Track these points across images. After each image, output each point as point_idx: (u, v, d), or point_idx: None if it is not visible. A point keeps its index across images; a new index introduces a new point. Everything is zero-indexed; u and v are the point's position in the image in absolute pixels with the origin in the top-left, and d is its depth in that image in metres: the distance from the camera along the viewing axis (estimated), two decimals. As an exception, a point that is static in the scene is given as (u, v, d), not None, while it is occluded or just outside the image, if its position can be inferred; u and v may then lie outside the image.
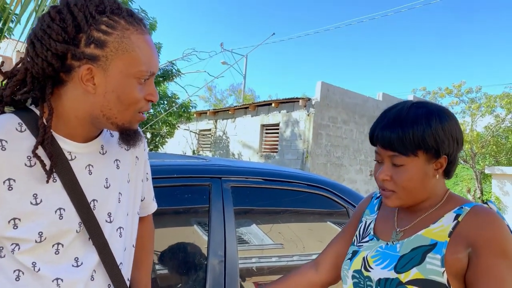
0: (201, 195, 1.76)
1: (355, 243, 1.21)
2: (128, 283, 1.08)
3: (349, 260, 1.16)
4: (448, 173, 1.10)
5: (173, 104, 11.50)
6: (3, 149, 0.87)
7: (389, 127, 1.04)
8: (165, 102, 11.51)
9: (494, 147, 21.41)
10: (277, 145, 10.77)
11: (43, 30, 0.88)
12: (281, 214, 2.12)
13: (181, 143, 14.22)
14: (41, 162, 0.88)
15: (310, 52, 72.02)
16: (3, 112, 0.96)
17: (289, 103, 10.45)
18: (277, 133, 10.81)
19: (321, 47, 72.10)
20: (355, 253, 1.15)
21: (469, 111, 22.24)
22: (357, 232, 1.24)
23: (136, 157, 1.16)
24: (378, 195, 1.29)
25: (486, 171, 18.92)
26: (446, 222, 1.01)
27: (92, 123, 0.95)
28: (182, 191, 1.74)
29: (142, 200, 1.23)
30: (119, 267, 1.03)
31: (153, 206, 1.30)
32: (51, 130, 0.93)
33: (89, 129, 0.97)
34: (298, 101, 10.11)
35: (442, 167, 1.05)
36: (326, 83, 10.09)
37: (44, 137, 0.89)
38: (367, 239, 1.17)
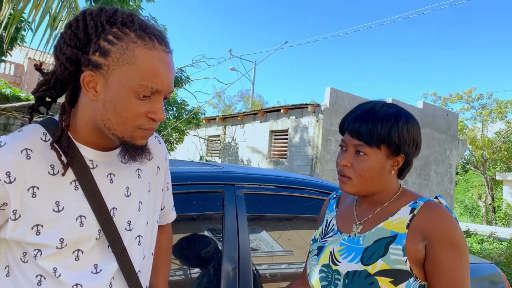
0: (215, 202, 1.77)
1: (318, 240, 1.27)
2: None
3: (316, 256, 1.22)
4: (401, 172, 1.21)
5: (182, 111, 11.56)
6: (28, 157, 0.90)
7: (360, 119, 1.14)
8: (174, 108, 11.59)
9: (505, 153, 21.17)
10: (286, 151, 10.76)
11: (61, 35, 0.93)
12: (294, 221, 2.12)
13: (190, 149, 14.27)
14: (57, 153, 0.91)
15: (319, 58, 72.08)
16: (38, 110, 1.02)
17: (298, 109, 10.45)
18: (286, 139, 10.80)
19: (330, 53, 72.14)
20: (321, 249, 1.22)
21: (480, 117, 22.06)
22: (319, 230, 1.31)
23: (158, 167, 1.18)
24: (335, 195, 1.40)
25: (497, 177, 18.67)
26: (403, 215, 1.11)
27: (99, 132, 0.96)
28: (196, 198, 1.76)
29: (162, 209, 1.25)
30: (138, 274, 1.04)
31: (172, 215, 1.32)
32: (73, 139, 0.97)
33: (102, 138, 0.98)
34: (307, 107, 10.11)
35: (399, 165, 1.16)
36: (335, 89, 10.07)
37: (62, 133, 0.93)
38: (331, 234, 1.24)
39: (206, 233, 1.79)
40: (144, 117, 0.92)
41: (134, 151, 0.96)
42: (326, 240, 1.23)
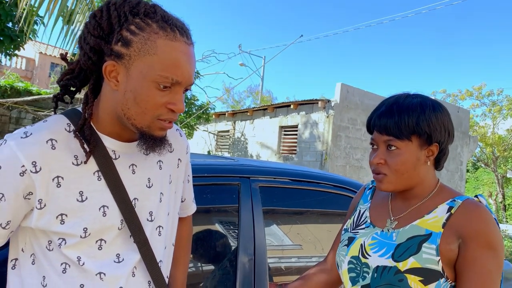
0: (231, 195, 1.78)
1: (349, 230, 1.26)
2: (167, 280, 1.10)
3: (346, 247, 1.21)
4: (438, 163, 1.17)
5: (192, 106, 11.58)
6: (53, 148, 0.91)
7: (386, 114, 1.11)
8: (184, 104, 11.59)
9: (516, 150, 20.92)
10: (295, 146, 10.74)
11: (85, 25, 0.94)
12: (308, 214, 2.12)
13: (199, 144, 14.31)
14: (80, 141, 0.92)
15: (329, 53, 71.76)
16: (63, 99, 1.04)
17: (308, 104, 10.42)
18: (296, 134, 10.78)
19: (340, 49, 71.79)
20: (351, 240, 1.21)
21: (490, 113, 21.84)
22: (351, 220, 1.29)
23: (179, 159, 1.19)
24: (371, 185, 1.36)
25: (508, 175, 18.50)
26: (440, 214, 1.08)
27: (120, 122, 0.97)
28: (212, 190, 1.76)
29: (182, 201, 1.26)
30: (159, 264, 1.05)
31: (192, 207, 1.33)
32: (95, 129, 0.98)
33: (124, 128, 0.99)
34: (317, 103, 10.07)
35: (434, 154, 1.13)
36: (345, 84, 10.02)
37: (84, 122, 0.94)
38: (363, 226, 1.22)
39: (221, 225, 1.80)
40: (164, 108, 0.93)
41: (152, 142, 0.96)
42: (358, 232, 1.21)
